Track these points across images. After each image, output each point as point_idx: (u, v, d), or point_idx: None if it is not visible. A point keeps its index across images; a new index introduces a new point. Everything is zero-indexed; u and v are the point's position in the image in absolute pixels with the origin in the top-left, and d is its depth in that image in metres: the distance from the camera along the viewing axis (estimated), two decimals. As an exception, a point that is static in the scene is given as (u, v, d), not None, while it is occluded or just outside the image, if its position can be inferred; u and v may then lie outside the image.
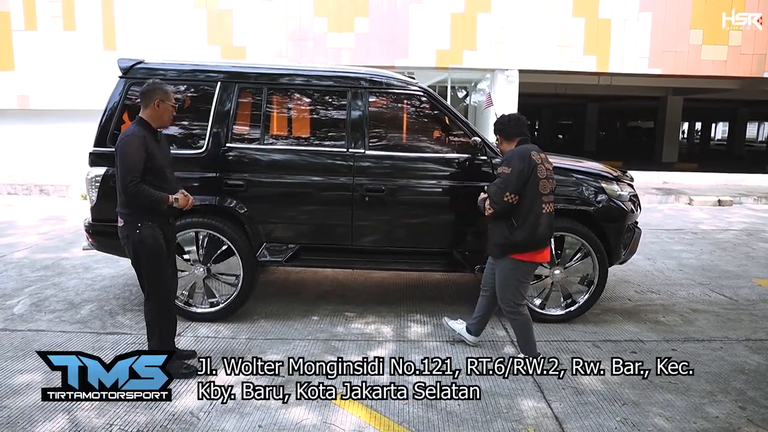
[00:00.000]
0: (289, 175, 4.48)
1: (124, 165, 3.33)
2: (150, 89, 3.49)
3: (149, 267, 3.49)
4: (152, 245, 3.45)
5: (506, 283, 3.71)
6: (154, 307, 3.56)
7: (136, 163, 3.34)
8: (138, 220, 3.43)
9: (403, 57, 12.91)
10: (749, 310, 5.12)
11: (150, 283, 3.53)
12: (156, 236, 3.47)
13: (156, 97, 3.46)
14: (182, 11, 12.81)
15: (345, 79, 4.55)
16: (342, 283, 5.74)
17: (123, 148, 3.34)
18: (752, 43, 13.14)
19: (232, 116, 4.48)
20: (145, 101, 3.48)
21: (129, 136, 3.37)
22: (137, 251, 3.46)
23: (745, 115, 32.01)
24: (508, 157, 3.62)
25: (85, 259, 6.40)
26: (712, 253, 7.41)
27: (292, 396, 3.31)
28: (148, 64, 4.61)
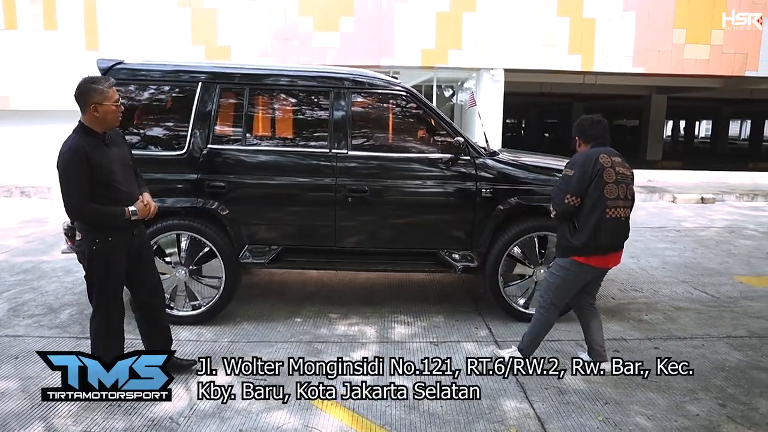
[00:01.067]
0: (272, 176, 4.45)
1: (63, 186, 3.03)
2: (82, 91, 3.06)
3: (99, 285, 3.24)
4: (105, 264, 3.20)
5: (553, 279, 3.63)
6: (99, 323, 3.31)
7: (78, 181, 3.01)
8: (95, 236, 3.16)
9: (389, 56, 12.89)
10: (730, 308, 5.16)
11: (98, 299, 3.28)
12: (112, 254, 3.20)
13: (91, 100, 3.04)
14: (166, 11, 12.69)
15: (328, 79, 4.52)
16: (327, 285, 5.71)
17: (60, 167, 3.02)
18: (734, 43, 13.27)
19: (213, 117, 4.43)
20: (81, 105, 3.07)
21: (67, 153, 3.02)
22: (90, 266, 3.21)
23: (728, 113, 32.35)
24: (573, 160, 3.53)
25: (66, 263, 6.31)
26: (695, 251, 7.47)
27: (272, 399, 3.28)
28: (128, 64, 4.55)
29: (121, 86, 4.42)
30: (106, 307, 3.31)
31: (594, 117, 3.67)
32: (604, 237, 3.47)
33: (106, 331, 3.34)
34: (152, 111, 4.60)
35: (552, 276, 3.64)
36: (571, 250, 3.51)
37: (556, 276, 3.60)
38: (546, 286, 3.70)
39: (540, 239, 4.57)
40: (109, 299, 3.30)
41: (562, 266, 3.57)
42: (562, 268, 3.58)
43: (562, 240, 3.59)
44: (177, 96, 4.55)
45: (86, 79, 3.12)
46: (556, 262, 3.65)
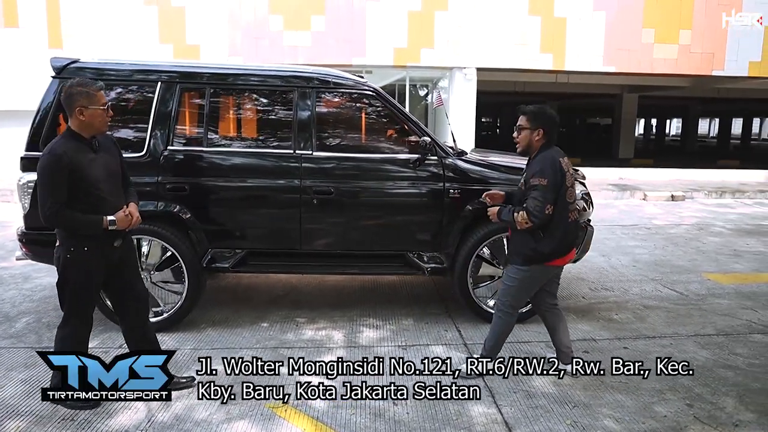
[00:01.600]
0: (234, 178, 4.33)
1: (39, 191, 2.94)
2: (69, 94, 2.97)
3: (71, 294, 3.11)
4: (78, 273, 3.07)
5: (511, 286, 3.52)
6: (66, 333, 3.18)
7: (56, 187, 2.91)
8: (70, 245, 3.04)
9: (361, 56, 12.80)
10: (699, 305, 5.19)
11: (68, 309, 3.15)
12: (86, 264, 3.07)
13: (77, 103, 2.96)
14: (133, 8, 12.42)
15: (291, 78, 4.42)
16: (295, 287, 5.60)
17: (40, 171, 2.92)
18: (701, 42, 13.48)
19: (173, 118, 4.30)
20: (68, 109, 2.99)
21: (47, 156, 2.92)
22: (64, 275, 3.08)
23: (697, 111, 32.97)
24: (541, 168, 3.32)
25: (25, 269, 6.09)
26: (665, 248, 7.53)
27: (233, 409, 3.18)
28: (84, 63, 4.39)
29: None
30: (75, 317, 3.17)
31: (555, 114, 3.55)
32: (569, 240, 3.45)
33: (72, 342, 3.20)
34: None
35: (510, 279, 3.53)
36: (538, 258, 3.41)
37: (515, 279, 3.50)
38: (504, 289, 3.58)
39: (508, 240, 4.51)
40: (79, 310, 3.17)
41: (521, 269, 3.48)
42: (521, 271, 3.48)
43: (523, 248, 3.42)
44: (136, 96, 4.41)
45: (72, 83, 3.05)
46: (511, 266, 3.54)
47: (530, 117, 3.42)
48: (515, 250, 3.51)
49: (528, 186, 3.35)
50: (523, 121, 3.44)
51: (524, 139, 3.44)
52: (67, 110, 3.02)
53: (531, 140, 3.43)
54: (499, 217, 3.49)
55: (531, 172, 3.36)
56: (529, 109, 3.46)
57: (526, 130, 3.42)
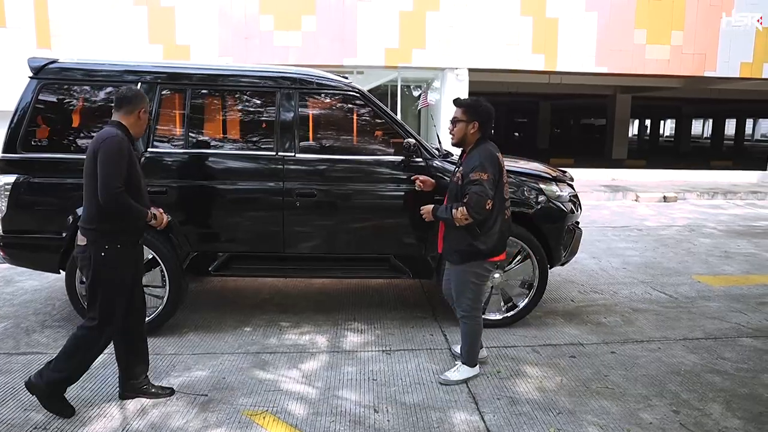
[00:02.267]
0: (216, 179, 4.26)
1: (107, 169, 2.93)
2: (137, 95, 3.18)
3: (107, 294, 3.08)
4: (113, 272, 3.07)
5: (464, 287, 3.53)
6: (97, 337, 3.12)
7: (122, 168, 2.97)
8: (106, 242, 3.02)
9: (352, 56, 12.72)
10: (688, 308, 5.14)
11: (102, 312, 3.09)
12: (123, 261, 3.09)
13: (143, 105, 3.17)
14: (122, 8, 12.30)
15: (274, 79, 4.34)
16: (281, 291, 5.52)
17: (108, 151, 2.94)
18: (693, 43, 13.47)
19: (153, 119, 4.21)
20: (129, 107, 3.12)
21: (113, 137, 2.98)
22: (98, 274, 3.04)
23: (690, 112, 33.01)
24: (480, 163, 3.31)
25: (7, 272, 5.99)
26: (656, 250, 7.49)
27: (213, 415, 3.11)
28: (62, 63, 4.32)
29: (53, 86, 4.23)
30: (106, 320, 3.11)
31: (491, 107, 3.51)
32: (502, 238, 3.48)
33: (96, 351, 3.17)
34: (89, 112, 4.38)
35: (465, 283, 3.52)
36: (477, 255, 3.42)
37: (471, 282, 3.50)
38: (461, 295, 3.55)
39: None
40: (111, 312, 3.11)
41: (475, 271, 3.48)
42: (475, 273, 3.49)
43: (460, 245, 3.42)
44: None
45: (135, 87, 3.43)
46: (464, 268, 3.49)
47: (466, 109, 3.44)
48: (451, 248, 3.49)
49: (467, 180, 3.31)
50: (459, 113, 3.45)
51: (459, 132, 3.45)
52: (126, 107, 3.13)
53: (466, 132, 3.44)
54: (435, 215, 3.47)
55: (470, 166, 3.33)
56: (465, 102, 3.49)
57: (462, 123, 3.43)
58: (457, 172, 3.48)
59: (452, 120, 3.48)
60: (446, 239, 3.53)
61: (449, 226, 3.45)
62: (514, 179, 4.48)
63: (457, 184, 3.42)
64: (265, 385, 3.55)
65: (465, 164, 3.40)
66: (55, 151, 4.22)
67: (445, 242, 3.55)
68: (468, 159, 3.41)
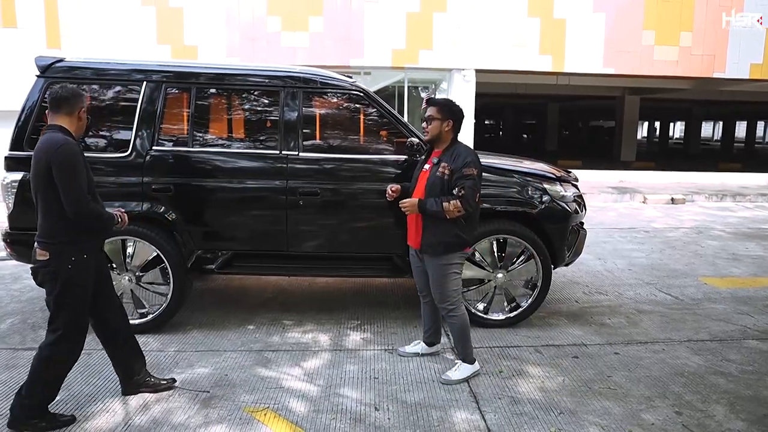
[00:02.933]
0: (220, 178, 4.28)
1: (70, 179, 2.82)
2: (75, 94, 3.00)
3: (74, 304, 2.98)
4: (83, 282, 2.99)
5: (448, 279, 3.58)
6: (65, 348, 3.00)
7: (83, 177, 2.88)
8: (71, 253, 2.91)
9: (359, 57, 12.75)
10: (693, 310, 5.11)
11: (69, 321, 2.98)
12: (87, 273, 3.00)
13: (81, 103, 3.01)
14: (131, 8, 12.39)
15: (278, 78, 4.36)
16: (284, 290, 5.54)
17: (66, 161, 2.81)
18: (702, 44, 13.39)
19: (159, 117, 4.25)
20: (68, 108, 2.96)
21: (66, 145, 2.84)
22: (66, 286, 2.93)
23: (700, 114, 32.83)
24: (471, 159, 3.49)
25: (15, 269, 6.05)
26: (662, 252, 7.45)
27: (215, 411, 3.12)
28: (69, 62, 4.36)
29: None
30: (74, 331, 3.01)
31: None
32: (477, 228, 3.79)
33: (62, 367, 3.05)
34: (95, 111, 4.39)
35: (449, 275, 3.58)
36: (462, 245, 3.56)
37: (452, 274, 3.59)
38: (446, 288, 3.60)
39: (499, 243, 4.46)
40: (79, 323, 3.03)
41: (454, 263, 3.58)
42: (454, 264, 3.59)
43: (446, 236, 3.51)
44: (121, 95, 4.37)
45: (70, 85, 3.16)
46: (442, 260, 3.55)
47: (440, 108, 3.59)
48: (435, 240, 3.54)
49: (460, 175, 3.44)
50: (434, 111, 3.58)
51: (434, 129, 3.58)
52: (65, 108, 2.97)
53: (441, 130, 3.58)
54: (424, 208, 3.48)
55: (462, 162, 3.46)
56: (440, 101, 3.67)
57: (437, 121, 3.56)
58: (440, 168, 3.52)
59: (427, 118, 3.61)
60: (427, 232, 3.57)
61: (432, 220, 3.51)
62: (519, 179, 4.48)
63: (442, 179, 3.48)
64: (267, 383, 3.56)
65: (453, 161, 3.50)
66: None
67: (425, 236, 3.59)
68: (455, 156, 3.52)
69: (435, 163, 3.60)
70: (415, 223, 3.61)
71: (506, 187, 4.43)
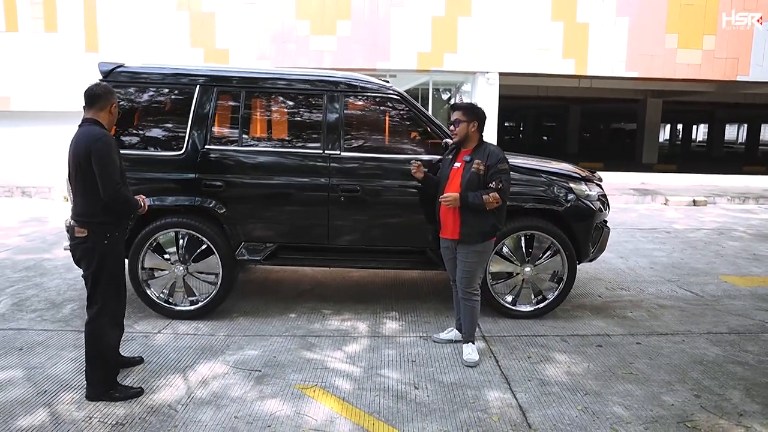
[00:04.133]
0: (267, 175, 4.60)
1: (106, 168, 3.18)
2: (107, 91, 3.36)
3: (111, 280, 3.35)
4: (118, 257, 3.38)
5: (480, 265, 3.99)
6: (107, 319, 3.36)
7: (117, 166, 3.25)
8: (107, 231, 3.29)
9: (385, 60, 13.06)
10: (713, 306, 5.32)
11: (104, 297, 3.34)
12: (120, 248, 3.40)
13: (113, 100, 3.37)
14: (165, 13, 12.85)
15: (321, 82, 4.67)
16: (320, 282, 5.86)
17: (103, 150, 3.18)
18: (726, 48, 13.46)
19: (210, 119, 4.58)
20: (101, 104, 3.32)
21: (105, 137, 3.23)
22: (103, 260, 3.29)
23: (723, 117, 32.59)
24: (503, 156, 3.91)
25: (67, 260, 6.43)
26: (683, 252, 7.62)
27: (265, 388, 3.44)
28: (129, 67, 4.70)
29: (121, 88, 4.60)
30: (112, 300, 3.38)
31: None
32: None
33: (110, 330, 3.39)
34: (152, 113, 4.75)
35: (483, 262, 4.00)
36: (494, 232, 3.95)
37: (477, 262, 3.96)
38: (470, 276, 3.97)
39: (527, 238, 4.71)
40: (117, 294, 3.42)
41: (480, 251, 3.94)
42: (487, 252, 4.01)
43: (484, 226, 3.88)
44: (176, 98, 4.70)
45: (103, 83, 3.54)
46: (478, 248, 3.92)
47: (465, 111, 3.97)
48: (474, 230, 3.90)
49: (496, 170, 3.82)
50: (459, 115, 3.96)
51: (462, 131, 3.96)
52: (99, 104, 3.33)
53: (468, 131, 3.96)
54: (466, 201, 3.82)
55: (496, 159, 3.86)
56: (464, 105, 4.04)
57: (464, 123, 3.95)
58: (475, 164, 3.86)
59: (453, 121, 3.98)
60: (466, 224, 3.92)
61: (471, 212, 3.86)
62: (545, 178, 4.73)
63: (478, 175, 3.84)
64: (313, 364, 3.87)
65: (487, 158, 3.87)
66: (122, 148, 4.55)
67: (464, 227, 3.93)
68: (488, 154, 3.90)
69: (467, 161, 3.93)
70: (453, 217, 3.93)
71: (534, 185, 4.69)
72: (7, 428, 3.01)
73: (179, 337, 4.30)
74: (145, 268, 4.61)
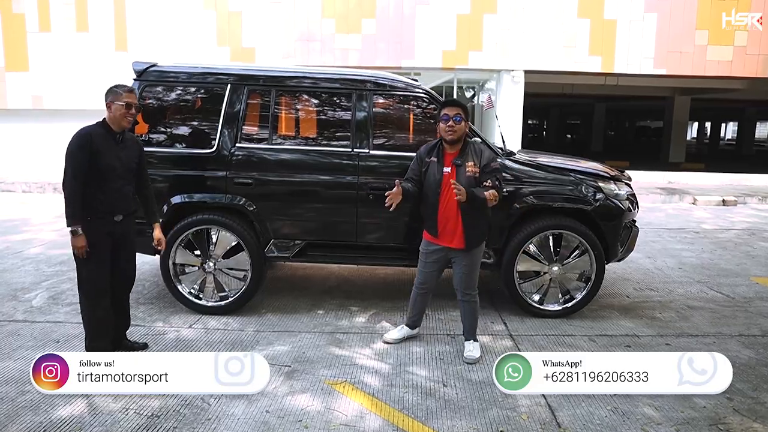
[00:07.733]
0: (296, 173, 4.65)
1: (67, 161, 3.47)
2: (107, 92, 3.59)
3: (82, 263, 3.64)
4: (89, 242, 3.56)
5: (477, 266, 3.99)
6: (88, 312, 3.69)
7: (78, 161, 3.46)
8: (86, 216, 3.56)
9: (410, 58, 13.06)
10: (745, 308, 5.24)
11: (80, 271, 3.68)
12: (90, 235, 3.55)
13: (110, 98, 3.56)
14: (192, 12, 13.02)
15: (350, 81, 4.70)
16: (347, 279, 5.90)
17: (70, 145, 3.49)
18: (758, 44, 13.19)
19: (241, 117, 4.65)
20: (105, 102, 3.59)
21: (78, 134, 3.51)
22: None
23: (753, 114, 31.90)
24: (491, 154, 3.88)
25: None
26: (713, 252, 7.51)
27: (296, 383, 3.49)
28: (161, 66, 4.79)
29: (153, 87, 4.70)
30: (82, 287, 3.68)
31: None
32: None
33: (88, 316, 3.69)
34: (183, 111, 4.85)
35: (475, 266, 3.96)
36: (488, 232, 3.99)
37: (477, 262, 3.98)
38: (474, 276, 3.96)
39: (555, 237, 4.70)
40: (89, 276, 3.65)
41: (478, 252, 3.95)
42: (479, 253, 3.97)
43: (484, 226, 3.89)
44: (207, 97, 4.78)
45: (113, 84, 3.67)
46: (479, 249, 3.94)
47: (465, 109, 3.83)
48: (479, 231, 3.87)
49: (491, 169, 3.78)
50: (461, 111, 3.80)
51: (462, 129, 3.79)
52: (106, 104, 3.59)
53: (465, 129, 3.82)
54: (474, 196, 3.66)
55: (488, 158, 3.80)
56: (462, 103, 3.90)
57: (465, 121, 3.81)
58: (469, 169, 3.75)
59: (453, 117, 3.74)
60: (469, 229, 3.81)
61: (471, 215, 3.78)
62: (574, 177, 4.71)
63: (474, 178, 3.75)
64: (342, 360, 3.91)
65: (479, 159, 3.79)
66: (154, 145, 4.67)
67: (468, 233, 3.82)
68: (477, 154, 3.82)
69: (458, 164, 3.78)
70: (453, 225, 3.82)
71: (562, 184, 4.66)
72: (48, 418, 3.11)
73: (210, 332, 4.38)
74: (176, 264, 4.69)
